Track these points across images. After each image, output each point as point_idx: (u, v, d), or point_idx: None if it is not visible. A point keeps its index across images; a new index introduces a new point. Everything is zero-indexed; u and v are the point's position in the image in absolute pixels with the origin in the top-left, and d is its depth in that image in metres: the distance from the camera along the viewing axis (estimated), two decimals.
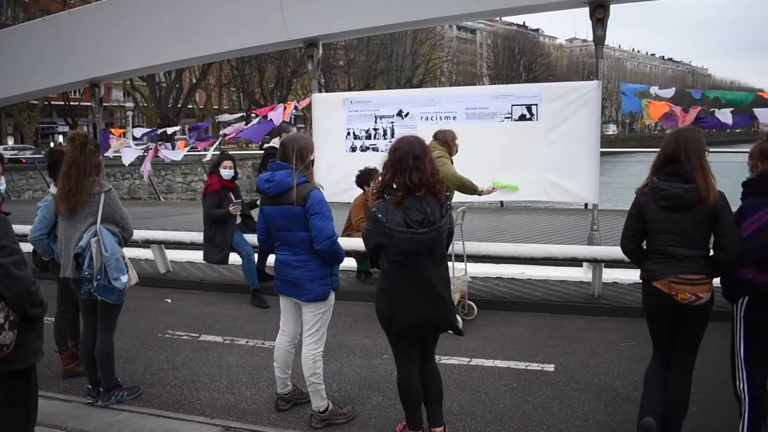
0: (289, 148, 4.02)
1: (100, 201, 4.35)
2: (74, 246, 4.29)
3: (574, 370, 5.12)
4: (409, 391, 3.77)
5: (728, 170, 6.56)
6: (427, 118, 7.42)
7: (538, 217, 12.15)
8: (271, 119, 8.02)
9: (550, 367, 5.18)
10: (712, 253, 3.54)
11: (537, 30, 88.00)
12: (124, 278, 4.37)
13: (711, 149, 3.86)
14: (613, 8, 6.68)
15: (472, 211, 11.63)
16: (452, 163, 6.28)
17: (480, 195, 6.54)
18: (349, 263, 7.47)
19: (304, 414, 4.32)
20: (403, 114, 7.57)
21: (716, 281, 3.57)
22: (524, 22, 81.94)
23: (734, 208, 3.55)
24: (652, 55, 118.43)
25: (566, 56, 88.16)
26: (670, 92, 7.09)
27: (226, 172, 7.05)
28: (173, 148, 8.84)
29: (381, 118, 7.68)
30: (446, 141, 6.31)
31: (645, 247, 3.65)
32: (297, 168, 3.95)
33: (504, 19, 71.86)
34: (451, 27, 73.73)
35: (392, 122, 7.62)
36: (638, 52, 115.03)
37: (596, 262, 6.60)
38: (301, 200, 3.93)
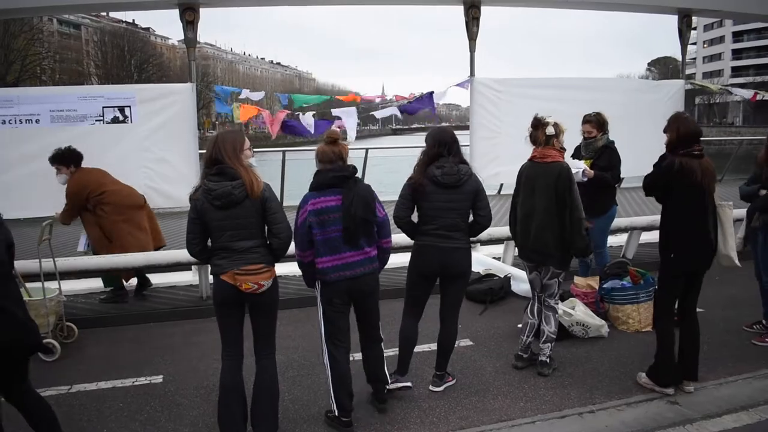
0: None
1: None
2: None
3: (183, 376, 5.07)
4: None
5: None
6: (4, 122, 6.50)
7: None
8: None
9: (159, 379, 5.04)
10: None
11: (148, 29, 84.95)
12: None
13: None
14: (221, 12, 6.72)
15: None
16: None
17: None
18: None
19: None
20: None
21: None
22: (134, 20, 78.20)
23: None
24: (262, 59, 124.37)
25: (180, 57, 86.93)
26: (259, 95, 7.51)
27: None
28: None
29: None
30: None
31: (210, 245, 3.77)
32: None
33: (111, 14, 67.91)
34: (51, 20, 66.45)
35: None
36: (249, 55, 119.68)
37: (201, 265, 6.54)
38: None
